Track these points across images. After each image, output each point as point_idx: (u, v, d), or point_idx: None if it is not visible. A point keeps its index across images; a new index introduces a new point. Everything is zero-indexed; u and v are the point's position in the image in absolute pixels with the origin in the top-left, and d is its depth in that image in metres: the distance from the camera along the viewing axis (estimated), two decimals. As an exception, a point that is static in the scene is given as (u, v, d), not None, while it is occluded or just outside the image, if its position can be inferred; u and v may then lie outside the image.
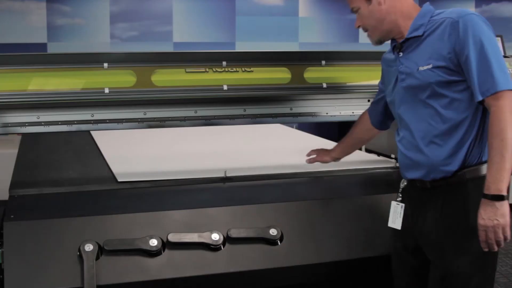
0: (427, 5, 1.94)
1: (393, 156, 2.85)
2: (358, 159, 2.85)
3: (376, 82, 2.34)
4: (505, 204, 1.66)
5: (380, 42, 2.01)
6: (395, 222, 1.99)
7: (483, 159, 1.81)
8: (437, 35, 1.83)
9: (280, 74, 2.58)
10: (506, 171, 1.66)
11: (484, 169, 1.78)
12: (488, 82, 1.72)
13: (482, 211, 1.68)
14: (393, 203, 2.00)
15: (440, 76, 1.80)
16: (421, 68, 1.85)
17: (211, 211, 2.05)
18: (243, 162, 2.72)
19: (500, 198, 1.66)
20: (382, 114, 2.27)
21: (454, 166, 1.81)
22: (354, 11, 1.99)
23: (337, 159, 2.50)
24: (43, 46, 6.64)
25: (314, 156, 2.52)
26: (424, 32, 1.87)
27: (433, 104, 1.83)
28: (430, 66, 1.83)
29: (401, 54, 1.94)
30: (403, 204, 1.98)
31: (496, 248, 1.73)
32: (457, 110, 1.80)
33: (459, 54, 1.77)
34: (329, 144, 3.34)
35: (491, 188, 1.66)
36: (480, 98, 1.73)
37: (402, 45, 1.93)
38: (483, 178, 1.72)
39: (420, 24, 1.89)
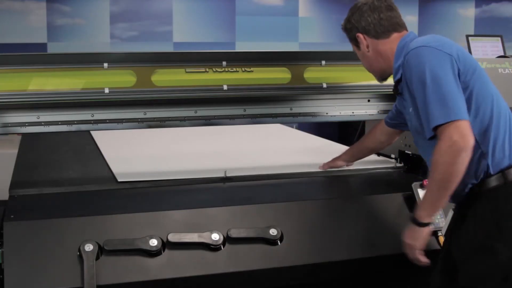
0: (401, 41, 2.00)
1: (393, 156, 2.85)
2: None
3: (375, 82, 2.34)
4: (420, 231, 1.88)
5: (382, 79, 2.16)
6: None
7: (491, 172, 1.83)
8: None
9: (280, 74, 2.58)
10: (429, 204, 1.84)
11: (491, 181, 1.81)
12: (428, 120, 1.76)
13: (406, 230, 1.92)
14: (451, 211, 2.05)
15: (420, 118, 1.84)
16: (410, 110, 1.93)
17: (211, 211, 2.05)
18: (243, 162, 2.72)
19: (418, 224, 1.87)
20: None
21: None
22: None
23: (349, 162, 2.57)
24: (43, 46, 6.63)
25: (327, 163, 2.59)
26: (401, 74, 1.94)
27: (431, 142, 1.82)
28: (411, 109, 1.91)
29: (399, 94, 2.04)
30: None
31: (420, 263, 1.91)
32: None
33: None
34: (329, 144, 3.35)
35: (415, 212, 1.88)
36: (428, 137, 1.78)
37: (396, 87, 2.03)
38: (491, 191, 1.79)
39: (397, 66, 1.97)
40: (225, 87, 2.48)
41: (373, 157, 2.92)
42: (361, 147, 2.57)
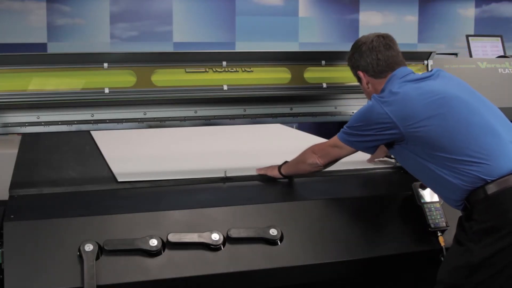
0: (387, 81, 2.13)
1: (393, 156, 2.85)
2: (358, 159, 2.85)
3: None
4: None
5: None
6: None
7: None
8: None
9: (280, 74, 2.58)
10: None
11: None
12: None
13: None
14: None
15: None
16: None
17: (211, 211, 2.05)
18: (243, 162, 2.72)
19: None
20: None
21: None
22: None
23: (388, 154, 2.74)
24: (43, 46, 6.64)
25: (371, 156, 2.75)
26: None
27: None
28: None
29: None
30: None
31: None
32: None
33: None
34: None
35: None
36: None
37: None
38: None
39: None
40: (225, 87, 2.48)
41: (373, 157, 2.93)
42: None
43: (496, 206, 1.82)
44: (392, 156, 2.84)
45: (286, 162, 2.39)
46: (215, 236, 1.93)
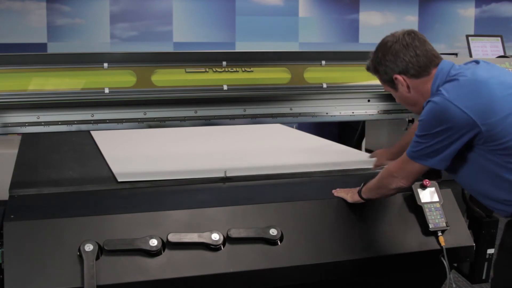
0: (436, 74, 1.88)
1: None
2: (358, 159, 2.85)
3: (375, 82, 2.34)
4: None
5: None
6: None
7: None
8: None
9: (280, 74, 2.58)
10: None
11: None
12: None
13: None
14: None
15: None
16: None
17: (211, 211, 2.05)
18: (243, 162, 2.72)
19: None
20: None
21: None
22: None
23: (393, 158, 2.54)
24: (43, 46, 6.64)
25: (375, 163, 2.62)
26: None
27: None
28: None
29: None
30: None
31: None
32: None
33: None
34: (329, 144, 3.35)
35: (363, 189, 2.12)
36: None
37: None
38: None
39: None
40: (225, 87, 2.48)
41: (373, 157, 2.93)
42: (403, 143, 2.50)
43: None
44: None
45: (364, 184, 2.12)
46: (215, 236, 1.93)
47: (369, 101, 2.70)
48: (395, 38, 1.91)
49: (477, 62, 1.89)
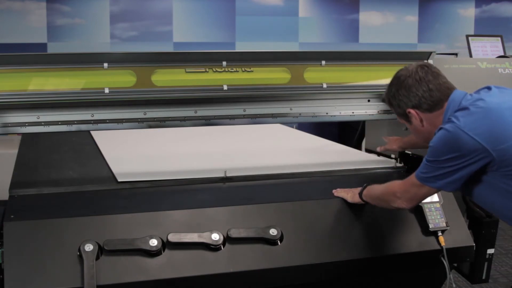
0: (447, 106, 1.89)
1: (393, 156, 2.85)
2: (358, 159, 2.85)
3: (375, 82, 2.34)
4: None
5: None
6: None
7: None
8: None
9: (280, 74, 2.58)
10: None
11: None
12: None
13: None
14: None
15: None
16: None
17: (211, 211, 2.05)
18: (243, 162, 2.72)
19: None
20: None
21: None
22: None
23: (403, 148, 2.63)
24: (43, 46, 6.64)
25: (384, 146, 2.66)
26: None
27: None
28: None
29: None
30: None
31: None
32: None
33: None
34: (329, 144, 3.35)
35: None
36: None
37: None
38: None
39: None
40: (225, 87, 2.48)
41: (373, 157, 2.93)
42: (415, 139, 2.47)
43: None
44: (392, 156, 2.85)
45: (366, 186, 2.15)
46: (215, 236, 1.93)
47: (369, 101, 2.70)
48: (409, 72, 1.92)
49: (489, 88, 1.90)
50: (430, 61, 2.69)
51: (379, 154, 2.88)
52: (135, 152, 3.02)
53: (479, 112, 1.77)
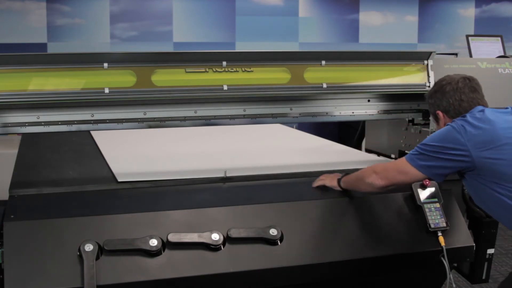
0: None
1: (393, 156, 2.85)
2: (358, 159, 2.85)
3: (375, 82, 2.34)
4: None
5: None
6: None
7: None
8: None
9: (280, 74, 2.58)
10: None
11: None
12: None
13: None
14: None
15: None
16: None
17: (211, 211, 2.05)
18: (243, 162, 2.72)
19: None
20: None
21: None
22: None
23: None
24: (43, 46, 6.64)
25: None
26: None
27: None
28: None
29: None
30: None
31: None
32: None
33: None
34: (329, 144, 3.35)
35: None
36: None
37: None
38: None
39: None
40: (225, 87, 2.47)
41: (373, 157, 2.93)
42: None
43: None
44: (392, 156, 2.85)
45: (346, 174, 2.25)
46: (215, 236, 1.93)
47: (369, 101, 2.70)
48: (451, 80, 2.12)
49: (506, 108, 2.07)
50: (430, 62, 2.70)
51: (379, 154, 2.88)
52: (135, 152, 3.02)
53: (476, 119, 1.96)
